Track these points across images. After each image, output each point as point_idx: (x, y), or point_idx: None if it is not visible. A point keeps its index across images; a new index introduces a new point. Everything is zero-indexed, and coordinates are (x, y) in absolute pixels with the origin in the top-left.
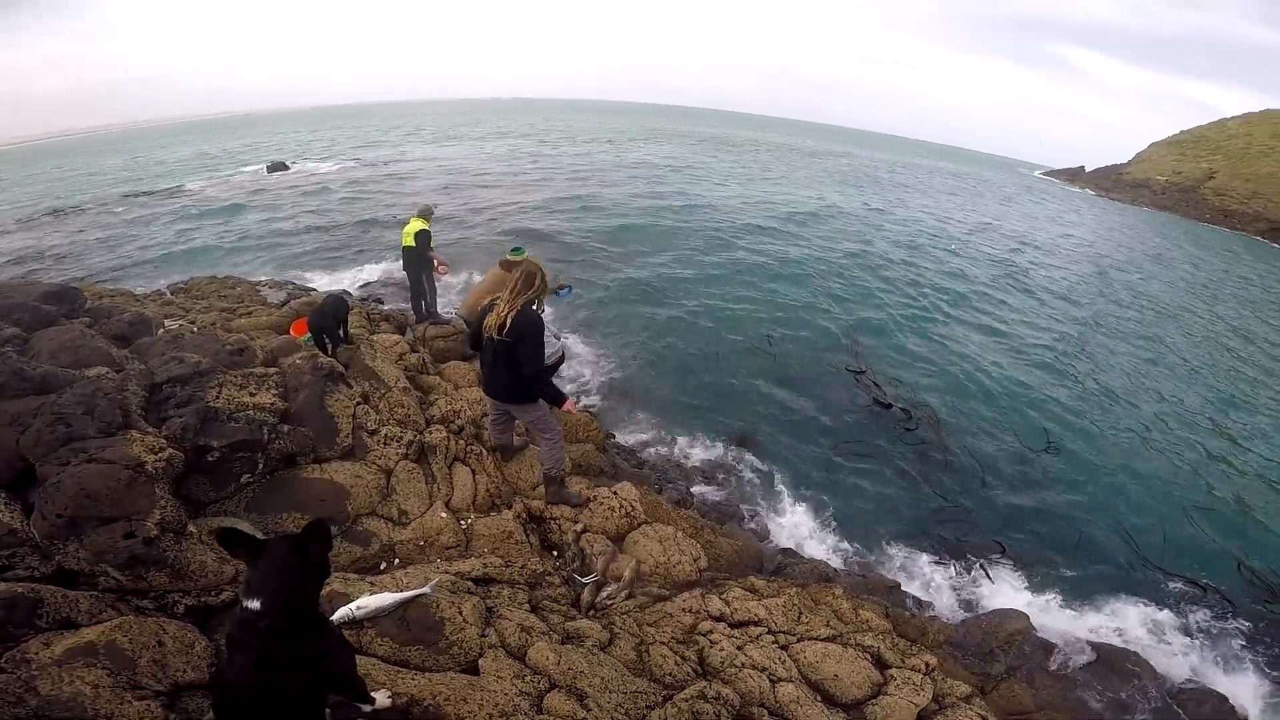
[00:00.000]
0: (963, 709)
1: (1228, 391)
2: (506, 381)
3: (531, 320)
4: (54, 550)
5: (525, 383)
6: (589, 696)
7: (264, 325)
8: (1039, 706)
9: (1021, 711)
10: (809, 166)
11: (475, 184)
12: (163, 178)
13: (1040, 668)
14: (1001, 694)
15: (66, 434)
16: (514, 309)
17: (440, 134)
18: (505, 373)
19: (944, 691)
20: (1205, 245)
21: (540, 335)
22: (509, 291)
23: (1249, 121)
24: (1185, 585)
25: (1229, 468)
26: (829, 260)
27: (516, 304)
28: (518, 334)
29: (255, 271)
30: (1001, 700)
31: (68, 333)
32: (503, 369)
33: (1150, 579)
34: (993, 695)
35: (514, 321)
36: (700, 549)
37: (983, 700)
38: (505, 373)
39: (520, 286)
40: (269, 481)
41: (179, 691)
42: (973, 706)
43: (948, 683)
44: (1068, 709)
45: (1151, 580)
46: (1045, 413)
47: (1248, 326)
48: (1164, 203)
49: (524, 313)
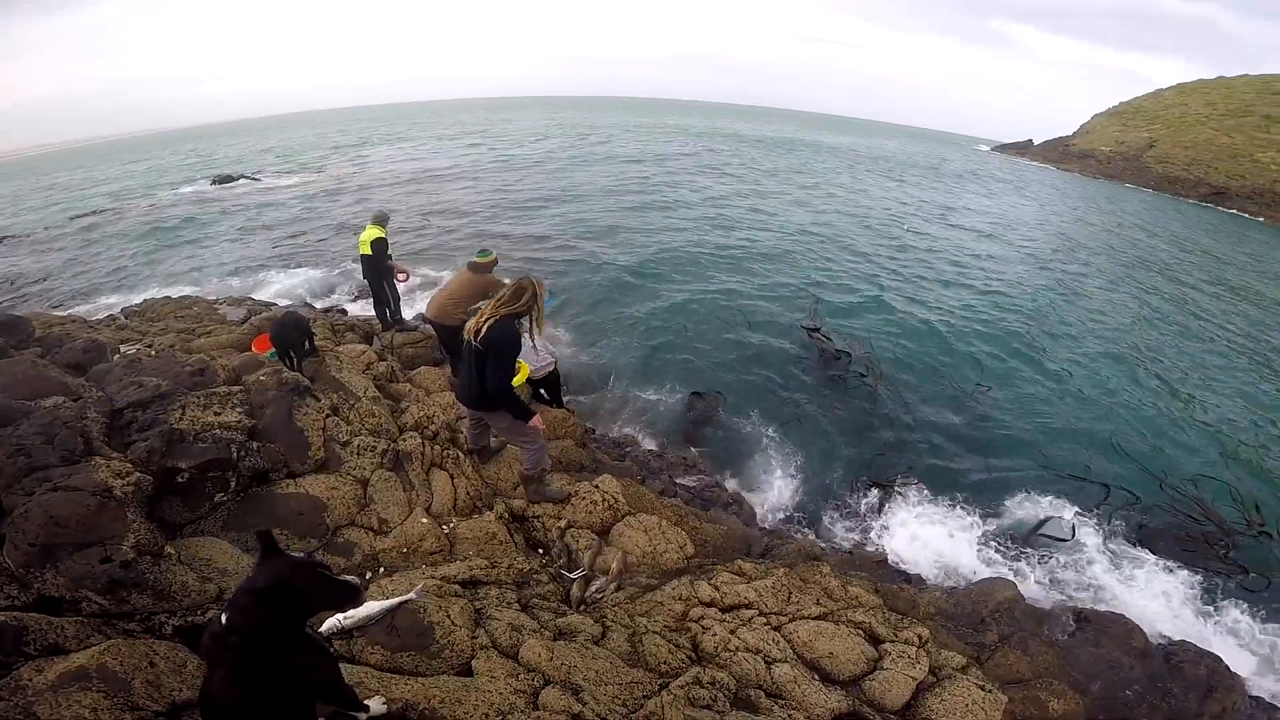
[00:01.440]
0: (960, 680)
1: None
2: (477, 388)
3: (505, 333)
4: (31, 579)
5: (489, 396)
6: (584, 690)
7: (225, 344)
8: (1035, 674)
9: (1019, 679)
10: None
11: (426, 187)
12: (108, 196)
13: (1033, 635)
14: (997, 662)
15: (28, 464)
16: (493, 318)
17: (392, 137)
18: (477, 379)
19: (939, 663)
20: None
21: (511, 350)
22: (495, 300)
23: (1183, 91)
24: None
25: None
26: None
27: (497, 313)
28: (489, 344)
29: (211, 289)
30: (997, 669)
31: (18, 364)
32: (474, 375)
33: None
34: (988, 664)
35: (489, 330)
36: (686, 536)
37: (979, 670)
38: (477, 379)
39: (508, 298)
40: (243, 499)
41: (177, 710)
42: (969, 677)
43: (942, 654)
44: (1063, 675)
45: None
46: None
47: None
48: (1110, 171)
49: (501, 323)
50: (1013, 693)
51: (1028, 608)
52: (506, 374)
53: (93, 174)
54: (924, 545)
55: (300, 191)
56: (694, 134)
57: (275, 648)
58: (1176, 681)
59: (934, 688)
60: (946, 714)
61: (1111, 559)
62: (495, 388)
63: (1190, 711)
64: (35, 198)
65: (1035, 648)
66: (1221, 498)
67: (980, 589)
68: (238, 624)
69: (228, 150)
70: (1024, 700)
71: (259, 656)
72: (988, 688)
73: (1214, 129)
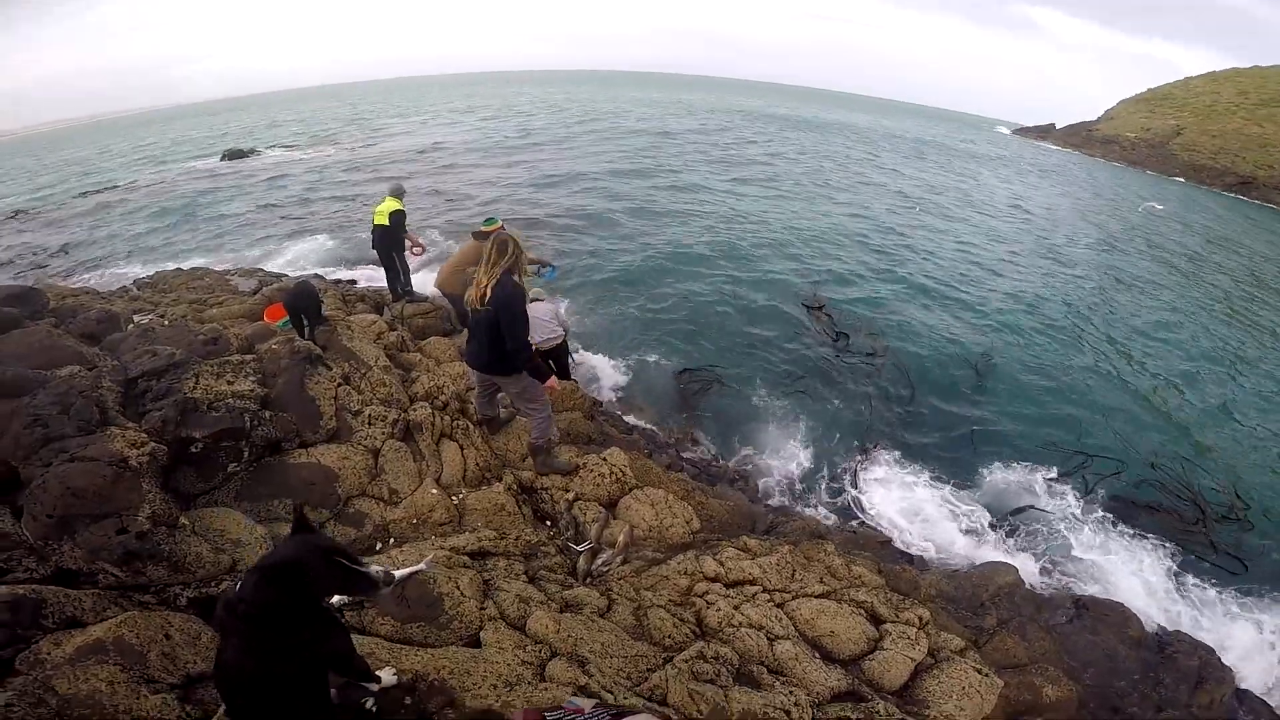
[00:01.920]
0: (958, 662)
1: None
2: (488, 353)
3: (510, 290)
4: (49, 551)
5: (507, 355)
6: (590, 662)
7: (237, 314)
8: (1031, 659)
9: (1015, 664)
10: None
11: (439, 161)
12: (115, 172)
13: (1031, 620)
14: (995, 646)
15: (44, 435)
16: (492, 279)
17: (404, 110)
18: (487, 344)
19: (938, 645)
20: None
21: (521, 305)
22: (485, 263)
23: (1215, 80)
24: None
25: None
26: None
27: (495, 274)
28: (497, 305)
29: (223, 260)
30: (995, 653)
31: (34, 334)
32: (485, 340)
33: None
34: (986, 648)
35: (493, 292)
36: (692, 511)
37: (977, 653)
38: (487, 344)
39: (494, 256)
40: (256, 469)
41: (191, 683)
42: (967, 659)
43: (941, 636)
44: (1059, 661)
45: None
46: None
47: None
48: (1133, 158)
49: (502, 282)
50: (1009, 677)
51: (1027, 593)
52: (523, 328)
53: (105, 150)
54: (923, 520)
55: (310, 165)
56: (709, 111)
57: (285, 621)
58: (1169, 672)
59: (932, 669)
60: (943, 696)
61: (1094, 529)
62: (514, 345)
63: (1180, 702)
64: (48, 174)
65: (1033, 633)
66: (1210, 483)
67: (981, 572)
68: (247, 595)
69: (239, 125)
70: (1019, 685)
71: (270, 629)
72: (985, 671)
73: (1244, 118)
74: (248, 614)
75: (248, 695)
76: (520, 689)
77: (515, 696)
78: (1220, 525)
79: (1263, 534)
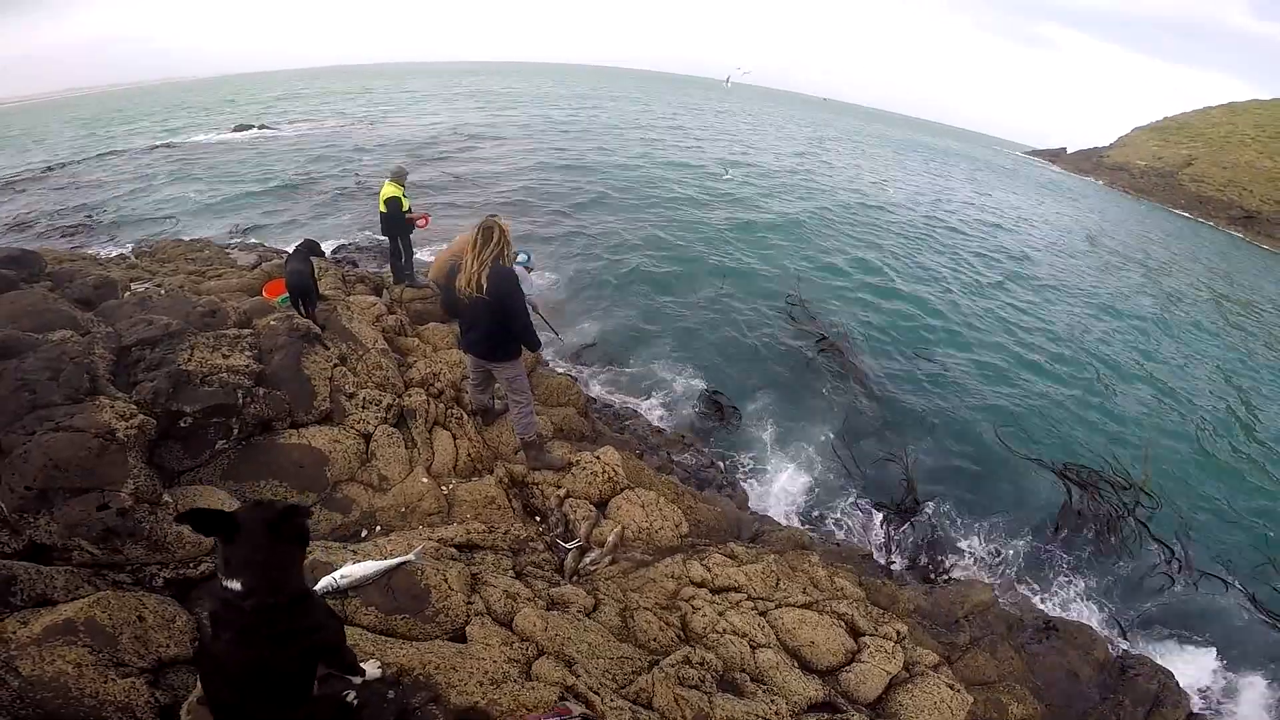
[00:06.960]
0: (931, 678)
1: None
2: (486, 339)
3: (505, 274)
4: (24, 525)
5: (511, 337)
6: (577, 663)
7: (235, 288)
8: (1000, 677)
9: (984, 681)
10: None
11: (446, 146)
12: (128, 138)
13: (1002, 639)
14: (966, 663)
15: (31, 401)
16: (484, 266)
17: (414, 95)
18: (486, 330)
19: (914, 660)
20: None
21: (515, 286)
22: (471, 250)
23: (1234, 111)
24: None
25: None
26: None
27: (485, 261)
28: (498, 291)
29: (223, 234)
30: (966, 670)
31: (28, 296)
32: (483, 326)
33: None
34: (958, 664)
35: (490, 279)
36: (681, 515)
37: (949, 669)
38: (486, 330)
39: (479, 243)
40: (245, 448)
41: (163, 668)
42: (940, 675)
43: (917, 651)
44: (1026, 680)
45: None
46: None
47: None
48: (1141, 186)
49: (496, 268)
50: (978, 694)
51: (1001, 612)
52: (523, 311)
53: (117, 117)
54: (903, 535)
55: (319, 140)
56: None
57: (288, 608)
58: (1128, 693)
59: (906, 684)
60: (915, 710)
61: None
62: (521, 326)
63: None
64: (59, 140)
65: (1003, 652)
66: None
67: (958, 590)
68: (254, 564)
69: (251, 99)
70: (986, 702)
71: (273, 618)
72: (956, 687)
73: (1257, 151)
74: (257, 606)
75: (238, 686)
76: (506, 687)
77: (501, 694)
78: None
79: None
